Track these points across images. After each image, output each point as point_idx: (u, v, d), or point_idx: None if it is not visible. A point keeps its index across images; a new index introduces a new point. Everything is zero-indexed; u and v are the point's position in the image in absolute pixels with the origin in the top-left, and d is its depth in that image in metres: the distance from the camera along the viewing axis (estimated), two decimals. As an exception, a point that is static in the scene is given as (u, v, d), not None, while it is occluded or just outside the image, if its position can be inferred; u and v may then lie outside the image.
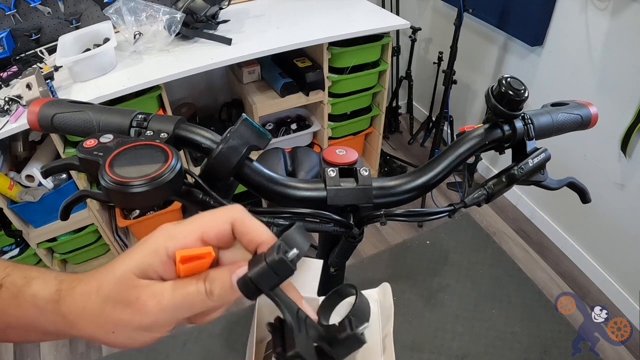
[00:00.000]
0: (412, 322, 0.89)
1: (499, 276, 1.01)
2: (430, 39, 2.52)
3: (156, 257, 0.29)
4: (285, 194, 0.42)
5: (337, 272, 0.56)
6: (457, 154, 0.47)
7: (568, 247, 1.96)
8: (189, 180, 0.39)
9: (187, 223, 0.30)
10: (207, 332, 0.90)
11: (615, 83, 1.55)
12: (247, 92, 1.84)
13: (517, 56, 1.95)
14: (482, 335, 0.87)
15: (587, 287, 1.85)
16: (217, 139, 0.42)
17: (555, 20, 1.70)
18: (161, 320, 0.29)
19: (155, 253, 0.29)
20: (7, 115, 1.29)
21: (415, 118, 2.70)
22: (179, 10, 1.55)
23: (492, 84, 0.46)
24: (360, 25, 1.70)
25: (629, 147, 1.52)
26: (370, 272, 0.99)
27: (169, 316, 0.29)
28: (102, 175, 0.33)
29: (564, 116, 0.51)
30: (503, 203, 2.23)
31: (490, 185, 0.47)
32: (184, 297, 0.28)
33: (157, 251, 0.29)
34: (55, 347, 1.69)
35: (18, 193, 1.46)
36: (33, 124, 0.43)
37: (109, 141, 0.37)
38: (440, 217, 0.46)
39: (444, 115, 2.10)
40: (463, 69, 2.19)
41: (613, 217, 1.70)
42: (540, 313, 0.93)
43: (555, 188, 0.51)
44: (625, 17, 1.43)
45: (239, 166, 0.40)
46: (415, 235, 1.86)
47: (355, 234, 0.45)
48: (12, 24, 1.57)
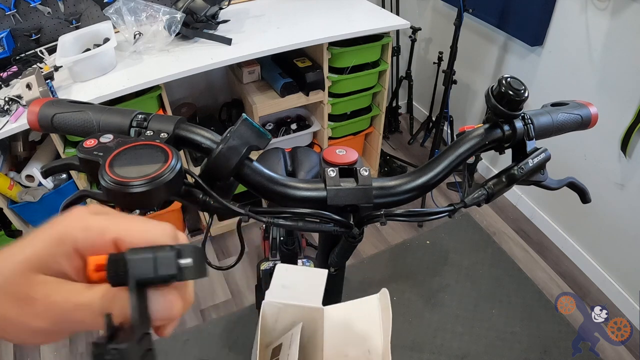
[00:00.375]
0: (412, 322, 0.89)
1: (499, 276, 1.01)
2: (430, 39, 2.52)
3: (61, 248, 0.25)
4: (285, 194, 0.42)
5: (337, 272, 0.56)
6: (457, 154, 0.47)
7: (568, 247, 1.96)
8: (189, 180, 0.39)
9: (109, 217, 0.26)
10: (207, 332, 0.90)
11: (615, 83, 1.55)
12: (247, 92, 1.84)
13: (517, 56, 1.95)
14: (482, 335, 0.87)
15: (587, 287, 1.85)
16: (217, 139, 0.42)
17: (555, 20, 1.70)
18: (50, 329, 0.25)
19: (61, 243, 0.25)
20: (7, 115, 1.29)
21: (415, 118, 2.70)
22: (179, 10, 1.55)
23: (492, 84, 0.46)
24: (360, 25, 1.70)
25: (629, 147, 1.52)
26: (370, 272, 0.99)
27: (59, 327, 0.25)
28: (102, 175, 0.32)
29: (564, 116, 0.51)
30: (503, 203, 2.23)
31: (490, 185, 0.47)
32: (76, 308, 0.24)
33: (64, 241, 0.25)
34: (55, 347, 1.69)
35: (18, 193, 1.46)
36: (33, 124, 0.43)
37: (109, 141, 0.37)
38: (440, 217, 0.46)
39: (444, 115, 2.10)
40: (463, 69, 2.19)
41: (613, 217, 1.70)
42: (540, 313, 0.93)
43: (555, 188, 0.51)
44: (625, 17, 1.43)
45: (239, 166, 0.40)
46: (415, 235, 1.86)
47: (355, 234, 0.45)
48: (12, 24, 1.57)
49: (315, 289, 0.41)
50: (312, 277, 0.40)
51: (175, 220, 1.97)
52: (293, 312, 0.43)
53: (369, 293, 0.47)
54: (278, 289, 0.43)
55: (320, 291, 0.40)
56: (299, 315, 0.43)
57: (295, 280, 0.44)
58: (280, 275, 0.45)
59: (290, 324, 0.44)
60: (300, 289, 0.35)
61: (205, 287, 1.89)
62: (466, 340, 0.88)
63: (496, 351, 0.87)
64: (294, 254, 1.29)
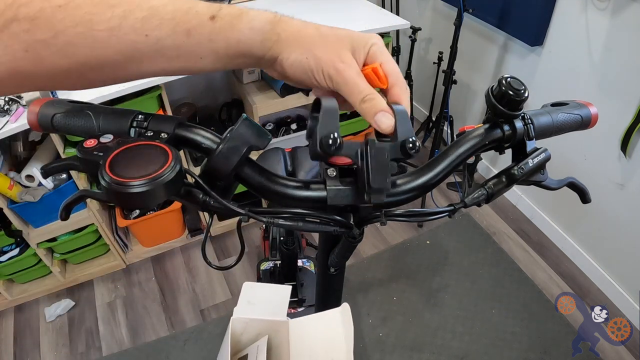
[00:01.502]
0: (412, 322, 0.89)
1: (499, 276, 1.01)
2: (430, 39, 2.52)
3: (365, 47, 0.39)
4: (285, 194, 0.42)
5: (337, 272, 0.56)
6: (457, 154, 0.47)
7: (568, 247, 1.96)
8: (189, 180, 0.39)
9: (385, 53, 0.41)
10: (207, 332, 0.90)
11: (615, 83, 1.55)
12: (247, 92, 1.84)
13: (517, 56, 1.95)
14: (482, 335, 0.87)
15: (587, 287, 1.85)
16: (217, 139, 0.42)
17: (555, 20, 1.70)
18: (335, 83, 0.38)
19: (366, 44, 0.39)
20: (7, 115, 1.30)
21: (415, 118, 2.70)
22: (179, 10, 1.55)
23: (492, 84, 0.46)
24: (360, 25, 1.70)
25: (629, 147, 1.52)
26: (370, 272, 0.99)
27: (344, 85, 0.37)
28: (102, 175, 0.33)
29: (564, 116, 0.51)
30: (503, 203, 2.23)
31: (490, 185, 0.47)
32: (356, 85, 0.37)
33: (366, 44, 0.39)
34: (55, 347, 1.70)
35: (18, 193, 1.46)
36: (33, 124, 0.43)
37: (109, 141, 0.37)
38: (440, 217, 0.46)
39: (444, 115, 2.10)
40: (463, 69, 2.19)
41: (613, 217, 1.70)
42: (540, 313, 0.93)
43: (555, 188, 0.51)
44: (625, 17, 1.43)
45: (239, 166, 0.40)
46: (415, 235, 1.86)
47: (355, 234, 0.45)
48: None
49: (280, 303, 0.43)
50: (277, 293, 0.42)
51: (175, 220, 1.97)
52: (259, 325, 0.47)
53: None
54: (245, 305, 0.48)
55: (284, 305, 0.43)
56: (265, 328, 0.47)
57: (261, 297, 0.49)
58: (247, 293, 0.49)
59: (255, 335, 0.48)
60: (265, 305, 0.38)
61: (205, 287, 1.89)
62: (466, 340, 0.88)
63: (496, 351, 0.87)
64: (294, 254, 1.29)
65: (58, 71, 0.33)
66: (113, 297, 1.87)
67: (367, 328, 1.56)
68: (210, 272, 1.95)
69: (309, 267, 1.38)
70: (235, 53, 0.37)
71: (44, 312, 1.80)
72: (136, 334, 1.71)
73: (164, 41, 0.34)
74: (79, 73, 0.34)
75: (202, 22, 0.35)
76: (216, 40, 0.36)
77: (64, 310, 1.80)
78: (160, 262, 2.01)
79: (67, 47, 0.32)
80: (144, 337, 1.69)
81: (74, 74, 0.34)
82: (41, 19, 0.30)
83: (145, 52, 0.34)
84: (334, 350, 0.48)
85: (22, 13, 0.30)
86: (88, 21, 0.31)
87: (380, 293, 1.62)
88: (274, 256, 1.46)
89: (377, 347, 1.50)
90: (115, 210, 1.87)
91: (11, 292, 1.78)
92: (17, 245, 1.67)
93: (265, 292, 0.50)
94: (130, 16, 0.33)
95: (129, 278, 1.95)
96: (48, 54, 0.31)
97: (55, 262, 1.78)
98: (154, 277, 1.95)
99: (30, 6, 0.30)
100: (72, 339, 1.72)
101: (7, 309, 1.82)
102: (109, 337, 1.72)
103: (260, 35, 0.37)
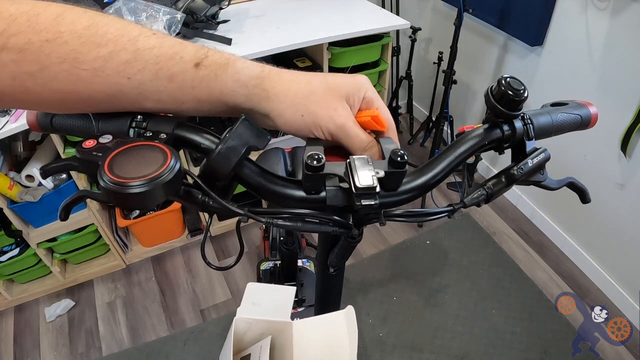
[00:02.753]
0: (412, 322, 0.89)
1: (499, 276, 1.01)
2: (430, 39, 2.51)
3: (359, 93, 0.39)
4: (284, 194, 0.42)
5: (336, 272, 0.56)
6: (456, 154, 0.47)
7: (568, 247, 1.96)
8: (188, 180, 0.39)
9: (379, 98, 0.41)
10: (207, 332, 0.90)
11: (615, 83, 1.55)
12: (247, 92, 1.84)
13: (517, 56, 1.95)
14: (482, 335, 0.87)
15: (587, 287, 1.84)
16: (216, 139, 0.42)
17: (555, 20, 1.70)
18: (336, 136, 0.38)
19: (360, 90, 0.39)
20: (7, 115, 1.30)
21: (415, 118, 2.70)
22: (179, 10, 1.55)
23: (492, 84, 0.46)
24: (360, 25, 1.70)
25: (629, 147, 1.52)
26: (370, 272, 0.99)
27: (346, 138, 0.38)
28: (101, 176, 0.32)
29: (564, 116, 0.51)
30: (503, 203, 2.23)
31: (489, 186, 0.47)
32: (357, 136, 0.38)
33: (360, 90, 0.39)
34: (55, 347, 1.70)
35: (18, 193, 1.46)
36: (32, 124, 0.43)
37: (108, 142, 0.37)
38: (439, 217, 0.46)
39: (444, 115, 2.10)
40: (463, 69, 2.18)
41: (613, 217, 1.70)
42: (540, 313, 0.93)
43: (555, 188, 0.51)
44: (625, 17, 1.43)
45: (238, 166, 0.40)
46: (415, 235, 1.86)
47: (354, 235, 0.45)
48: (12, 24, 1.56)
49: (284, 304, 0.43)
50: (282, 294, 0.43)
51: (175, 220, 1.97)
52: (262, 326, 0.47)
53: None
54: (248, 306, 0.48)
55: (288, 306, 0.44)
56: (268, 328, 0.47)
57: (265, 298, 0.49)
58: (251, 293, 0.49)
59: (258, 335, 0.48)
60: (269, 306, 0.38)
61: (205, 287, 1.89)
62: (466, 340, 0.88)
63: (496, 351, 0.87)
64: (294, 254, 1.29)
65: (43, 100, 0.34)
66: (113, 297, 1.87)
67: (367, 328, 1.56)
68: (210, 272, 1.95)
69: (309, 267, 1.38)
70: (218, 102, 0.38)
71: (44, 312, 1.80)
72: (136, 334, 1.71)
73: (145, 85, 0.35)
74: (63, 103, 0.35)
75: (186, 69, 0.36)
76: (199, 87, 0.36)
77: (64, 310, 1.80)
78: (160, 262, 2.01)
79: (52, 82, 0.33)
80: (144, 337, 1.69)
81: (57, 104, 0.35)
82: (28, 51, 0.31)
83: (127, 93, 0.35)
84: (338, 352, 0.48)
85: (11, 43, 0.30)
86: (73, 59, 0.32)
87: (380, 293, 1.62)
88: (274, 256, 1.46)
89: (377, 347, 1.50)
90: (115, 210, 1.87)
91: (11, 292, 1.78)
92: (17, 245, 1.67)
93: (269, 292, 0.50)
94: (114, 58, 0.33)
95: (129, 278, 1.95)
96: (33, 85, 0.32)
97: (55, 262, 1.78)
98: (154, 277, 1.95)
99: (19, 37, 0.31)
100: (72, 339, 1.72)
101: (7, 309, 1.82)
102: (109, 337, 1.72)
103: (244, 90, 0.37)
